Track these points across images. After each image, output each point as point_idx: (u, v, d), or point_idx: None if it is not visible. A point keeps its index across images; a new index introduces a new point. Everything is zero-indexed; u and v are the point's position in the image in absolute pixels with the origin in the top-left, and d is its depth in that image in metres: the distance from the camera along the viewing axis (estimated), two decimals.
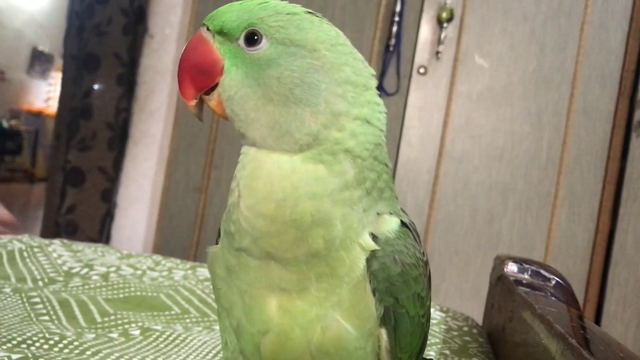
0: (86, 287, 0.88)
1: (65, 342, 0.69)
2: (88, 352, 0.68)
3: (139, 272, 0.98)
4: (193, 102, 0.47)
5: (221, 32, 0.45)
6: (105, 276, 0.92)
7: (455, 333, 0.89)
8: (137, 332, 0.75)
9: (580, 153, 2.18)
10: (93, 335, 0.72)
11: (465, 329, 0.93)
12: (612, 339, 0.62)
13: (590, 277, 2.17)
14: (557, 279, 0.89)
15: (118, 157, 2.38)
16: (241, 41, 0.44)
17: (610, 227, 2.16)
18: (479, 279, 2.23)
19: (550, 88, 2.20)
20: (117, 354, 0.68)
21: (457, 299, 2.21)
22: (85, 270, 0.94)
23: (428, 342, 0.84)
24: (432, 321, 0.94)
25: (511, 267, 0.92)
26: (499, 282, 0.90)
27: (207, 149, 2.42)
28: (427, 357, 0.51)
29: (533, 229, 2.21)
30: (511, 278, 0.87)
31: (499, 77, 2.22)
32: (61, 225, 2.30)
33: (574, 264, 2.17)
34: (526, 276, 0.90)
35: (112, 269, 0.95)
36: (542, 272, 0.90)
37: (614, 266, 2.13)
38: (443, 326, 0.92)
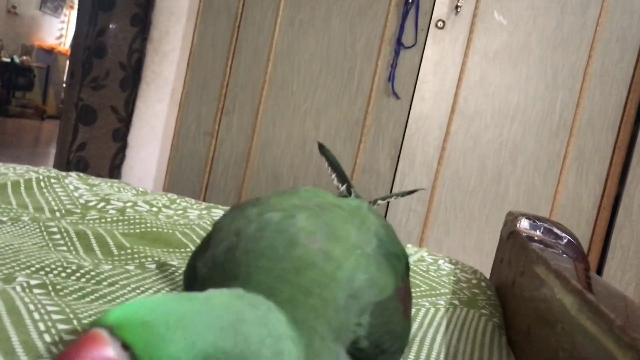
0: (103, 220, 0.89)
1: (82, 271, 0.70)
2: (105, 283, 0.69)
3: (154, 209, 0.99)
4: None
5: None
6: (121, 211, 0.92)
7: (464, 285, 0.91)
8: (153, 266, 0.77)
9: (593, 116, 2.16)
10: (110, 267, 0.73)
11: (474, 281, 0.94)
12: (623, 294, 0.63)
13: (593, 240, 2.19)
14: (569, 238, 0.89)
15: (130, 98, 2.37)
16: None
17: (617, 191, 2.16)
18: (482, 236, 2.25)
19: (568, 49, 2.16)
20: (133, 285, 0.70)
21: (459, 255, 2.24)
22: (102, 204, 0.95)
23: (438, 292, 0.86)
24: (441, 272, 0.96)
25: (524, 224, 0.93)
26: (511, 238, 0.91)
27: (220, 94, 2.40)
28: None
29: (540, 190, 2.22)
30: (524, 234, 0.87)
31: (517, 36, 2.18)
32: (72, 162, 2.32)
33: (577, 226, 2.18)
34: (538, 233, 0.90)
35: (129, 204, 0.95)
36: (555, 230, 0.90)
37: (618, 230, 2.15)
38: (452, 277, 0.94)
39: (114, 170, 2.41)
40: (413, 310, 0.75)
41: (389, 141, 2.29)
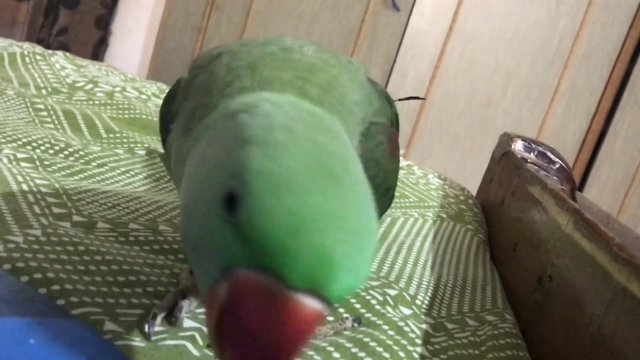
0: (90, 102, 0.86)
1: (70, 150, 0.68)
2: (94, 163, 0.67)
3: (144, 96, 0.96)
4: None
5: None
6: (110, 95, 0.89)
7: (452, 200, 0.91)
8: (143, 152, 0.75)
9: (591, 50, 2.13)
10: (99, 148, 0.71)
11: (462, 198, 0.95)
12: (607, 213, 0.64)
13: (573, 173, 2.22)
14: (562, 163, 0.89)
15: None
16: None
17: (603, 128, 2.17)
18: (464, 160, 2.26)
19: None
20: (122, 169, 0.68)
21: None
22: (90, 86, 0.91)
23: (427, 204, 0.86)
24: (430, 186, 0.96)
25: (518, 145, 0.92)
26: (504, 158, 0.91)
27: None
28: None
29: (527, 119, 2.21)
30: (518, 155, 0.87)
31: None
32: (52, 47, 2.23)
33: None
34: (532, 156, 0.90)
35: (117, 89, 0.92)
36: (548, 154, 0.90)
37: (598, 166, 2.17)
38: (441, 192, 0.94)
39: (95, 59, 2.32)
40: (402, 219, 0.76)
41: (383, 54, 2.23)
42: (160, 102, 0.99)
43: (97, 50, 2.31)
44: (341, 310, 0.49)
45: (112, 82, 0.95)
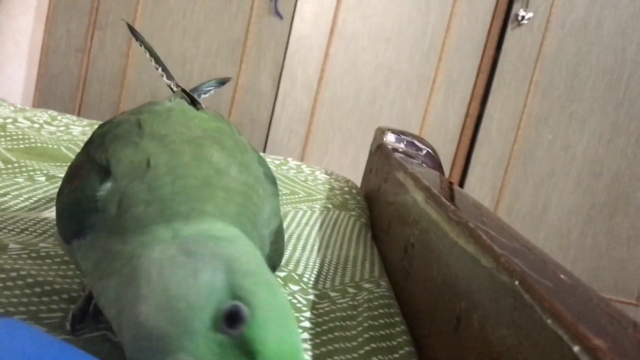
0: None
1: None
2: None
3: (36, 125, 0.99)
4: None
5: None
6: (2, 127, 0.92)
7: (337, 192, 1.01)
8: (43, 178, 0.79)
9: (461, 41, 2.32)
10: None
11: (346, 189, 1.05)
12: (473, 199, 0.76)
13: (457, 156, 2.40)
14: (428, 150, 1.02)
15: None
16: None
17: (479, 112, 2.37)
18: (357, 153, 2.39)
19: None
20: (25, 196, 0.72)
21: (337, 171, 2.37)
22: None
23: (315, 197, 0.95)
24: (318, 181, 1.06)
25: (390, 137, 1.04)
26: (378, 150, 1.02)
27: (91, 7, 2.29)
28: None
29: (411, 110, 2.38)
30: (389, 146, 0.98)
31: None
32: None
33: (443, 144, 2.38)
34: (402, 145, 1.02)
35: (9, 120, 0.95)
36: (416, 142, 1.02)
37: (478, 148, 2.37)
38: (327, 186, 1.04)
39: None
40: (292, 212, 0.85)
41: (271, 62, 2.32)
42: (53, 129, 1.02)
43: None
44: None
45: (2, 114, 0.97)
